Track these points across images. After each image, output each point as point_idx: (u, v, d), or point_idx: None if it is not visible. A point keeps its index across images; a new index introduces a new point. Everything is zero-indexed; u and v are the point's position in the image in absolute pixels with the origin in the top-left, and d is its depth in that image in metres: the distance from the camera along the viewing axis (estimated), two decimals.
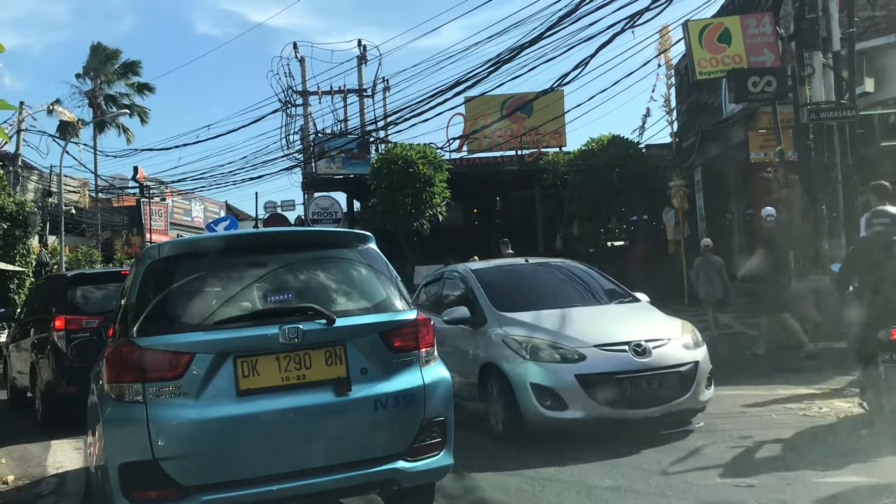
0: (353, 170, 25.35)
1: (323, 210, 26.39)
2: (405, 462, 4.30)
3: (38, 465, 7.42)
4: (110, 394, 4.10)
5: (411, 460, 4.32)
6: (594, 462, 6.08)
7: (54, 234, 30.59)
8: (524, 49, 14.19)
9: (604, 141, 21.74)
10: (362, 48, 27.94)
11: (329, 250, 4.79)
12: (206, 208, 47.44)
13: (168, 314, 4.21)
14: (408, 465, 4.30)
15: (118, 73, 43.36)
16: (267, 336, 4.14)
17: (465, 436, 6.33)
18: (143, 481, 3.91)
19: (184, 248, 4.63)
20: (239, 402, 4.04)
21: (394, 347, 4.41)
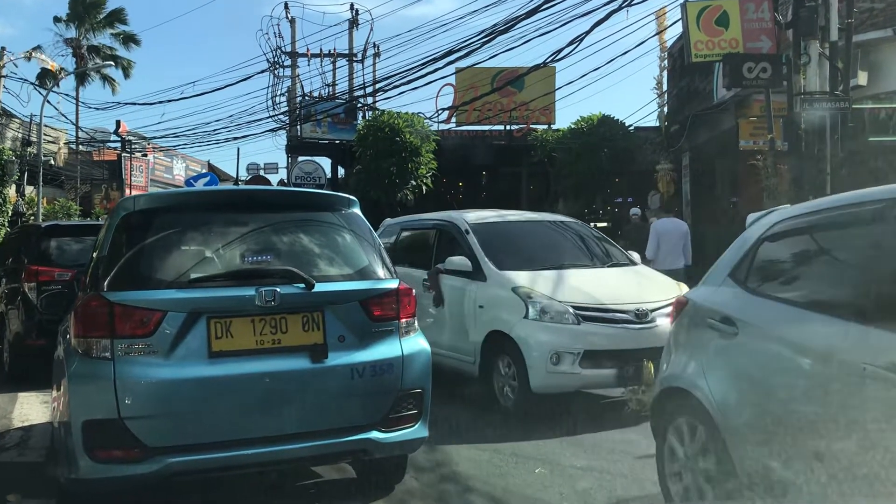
0: (338, 135, 25.08)
1: (306, 175, 26.14)
2: (379, 432, 4.23)
3: (2, 416, 7.27)
4: (77, 349, 3.96)
5: (385, 431, 4.25)
6: (567, 437, 6.07)
7: (32, 184, 30.11)
8: (519, 21, 13.97)
9: (594, 120, 21.62)
10: (354, 12, 27.52)
11: (312, 213, 4.68)
12: (188, 167, 46.84)
13: (141, 269, 4.08)
14: (382, 435, 4.23)
15: (103, 22, 42.48)
16: (243, 297, 4.03)
17: (449, 407, 6.53)
18: (107, 440, 3.80)
19: (160, 201, 4.51)
20: (210, 363, 3.93)
21: (374, 316, 4.32)
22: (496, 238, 7.81)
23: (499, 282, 7.13)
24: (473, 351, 7.25)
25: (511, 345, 6.73)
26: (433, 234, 8.51)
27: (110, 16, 42.76)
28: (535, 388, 6.52)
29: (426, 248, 8.47)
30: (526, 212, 9.17)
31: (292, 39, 27.44)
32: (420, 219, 9.23)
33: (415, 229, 9.10)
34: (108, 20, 42.83)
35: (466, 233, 7.77)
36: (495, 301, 7.08)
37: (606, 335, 6.60)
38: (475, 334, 7.23)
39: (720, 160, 19.28)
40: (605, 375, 6.56)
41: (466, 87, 23.41)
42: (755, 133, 16.35)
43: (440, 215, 8.82)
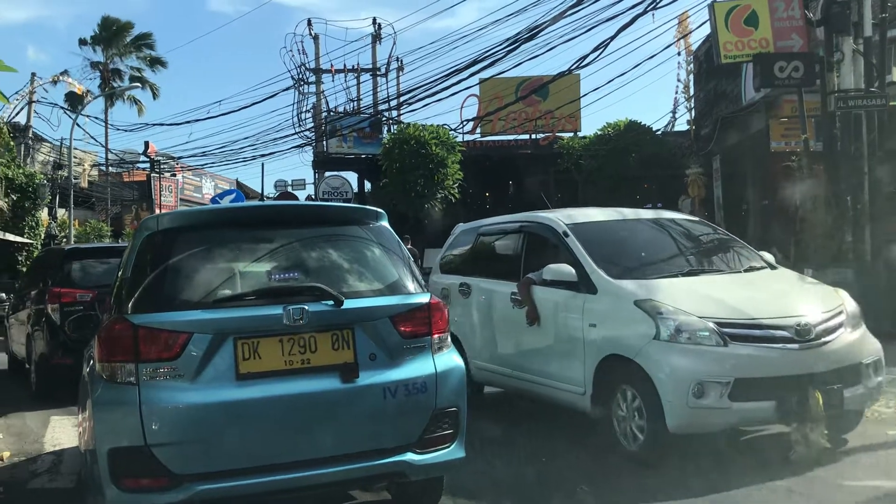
0: (364, 150, 25.09)
1: (334, 189, 26.17)
2: (414, 454, 4.05)
3: (35, 441, 7.23)
4: (101, 374, 3.83)
5: (421, 452, 4.07)
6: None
7: (64, 206, 30.49)
8: (543, 28, 13.84)
9: (620, 126, 21.41)
10: (377, 26, 27.58)
11: (339, 227, 4.49)
12: (217, 185, 47.27)
13: (165, 290, 3.93)
14: (417, 457, 4.05)
15: (130, 46, 43.09)
16: (270, 317, 3.88)
17: None
18: (133, 468, 3.66)
19: (184, 219, 4.38)
20: (238, 386, 3.78)
21: (405, 332, 4.15)
22: (603, 241, 6.55)
23: (614, 293, 5.83)
24: (583, 380, 5.89)
25: (637, 373, 5.41)
26: (520, 238, 7.22)
27: (137, 39, 43.36)
28: (672, 428, 5.21)
29: (512, 255, 7.28)
30: (628, 209, 7.83)
31: (316, 56, 27.60)
32: (502, 221, 7.89)
33: (496, 234, 7.83)
34: (135, 44, 43.43)
35: (565, 235, 6.48)
36: (612, 318, 5.79)
37: (762, 359, 5.25)
38: (585, 359, 5.89)
39: (751, 162, 18.96)
40: (762, 409, 5.23)
41: (490, 97, 23.32)
42: (786, 134, 16.06)
43: (527, 216, 7.46)
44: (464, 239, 8.33)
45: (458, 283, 7.87)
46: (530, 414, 5.08)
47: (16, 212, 25.84)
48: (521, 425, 7.07)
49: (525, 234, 7.13)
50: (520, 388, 7.00)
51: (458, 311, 7.56)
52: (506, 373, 6.98)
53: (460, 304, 7.69)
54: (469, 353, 7.29)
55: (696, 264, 6.39)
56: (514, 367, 6.89)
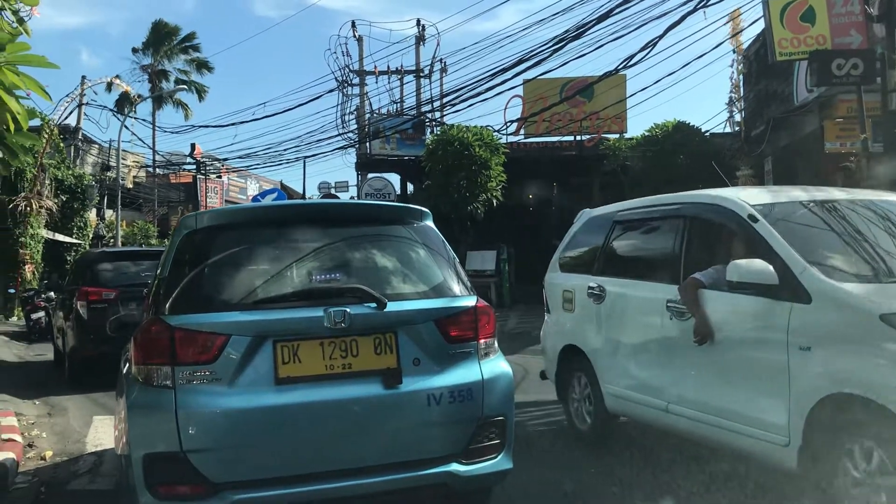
0: (407, 151, 25.02)
1: (376, 191, 26.20)
2: (460, 465, 3.88)
3: (77, 441, 7.24)
4: (137, 376, 3.73)
5: (467, 463, 3.90)
6: None
7: (112, 207, 30.99)
8: (590, 27, 13.58)
9: (668, 127, 20.94)
10: (420, 27, 27.53)
11: (382, 226, 4.34)
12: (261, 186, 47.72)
13: (203, 290, 3.82)
14: (463, 468, 3.88)
15: (178, 49, 43.77)
16: (310, 319, 3.74)
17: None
18: (169, 475, 3.55)
19: (224, 218, 4.26)
20: (277, 391, 3.65)
21: (450, 337, 3.98)
22: (808, 228, 4.82)
23: (841, 303, 4.11)
24: (786, 426, 4.26)
25: (886, 422, 3.67)
26: (679, 225, 5.53)
27: (184, 41, 44.02)
28: None
29: (667, 248, 5.62)
30: (831, 188, 5.89)
31: (360, 57, 27.64)
32: (652, 203, 6.06)
33: (643, 220, 6.12)
34: (182, 48, 44.10)
35: (752, 220, 4.77)
36: (838, 339, 4.08)
37: None
38: (792, 397, 4.23)
39: (804, 164, 18.40)
40: None
41: (535, 98, 23.07)
42: (841, 135, 15.53)
43: (690, 196, 5.77)
44: (593, 228, 6.75)
45: (586, 284, 6.33)
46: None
47: (65, 212, 26.34)
48: None
49: (686, 219, 5.46)
50: (677, 426, 5.27)
51: (585, 322, 6.35)
52: (656, 405, 5.35)
53: (589, 311, 6.26)
54: (601, 376, 6.01)
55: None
56: (669, 400, 5.23)
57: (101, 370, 9.44)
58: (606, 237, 6.40)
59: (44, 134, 23.68)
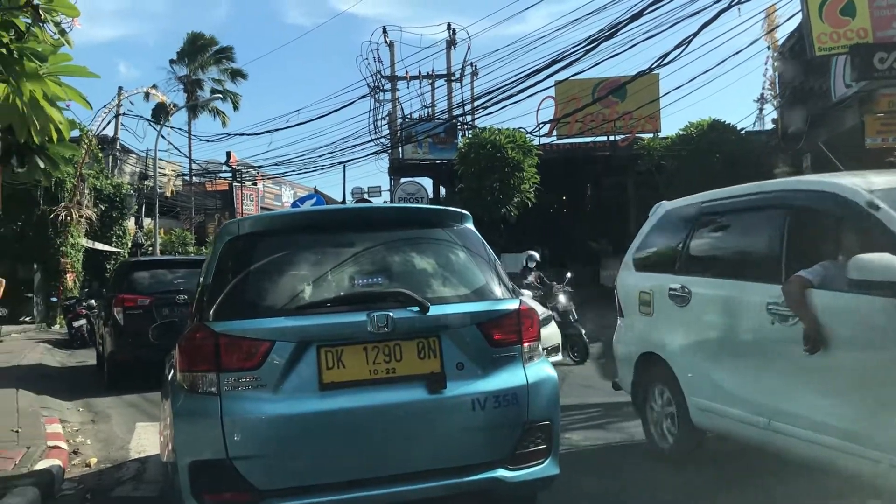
0: (440, 155, 25.03)
1: (409, 196, 26.23)
2: (506, 470, 3.82)
3: (121, 447, 7.31)
4: (182, 384, 3.73)
5: (513, 468, 3.84)
6: None
7: (150, 216, 31.42)
8: (623, 27, 13.46)
9: (703, 125, 20.69)
10: (451, 32, 27.54)
11: (422, 230, 4.31)
12: (296, 193, 48.09)
13: (247, 297, 3.82)
14: (509, 473, 3.82)
15: (212, 59, 44.33)
16: (354, 324, 3.72)
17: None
18: (215, 482, 3.54)
19: (266, 224, 4.23)
20: (322, 396, 3.63)
21: (494, 340, 3.93)
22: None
23: None
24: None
25: None
26: (780, 216, 4.89)
27: (218, 52, 44.56)
28: None
29: (765, 243, 5.02)
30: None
31: (391, 63, 27.75)
32: (744, 192, 5.39)
33: (735, 211, 5.46)
34: (217, 57, 44.64)
35: (873, 208, 4.15)
36: None
37: None
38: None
39: (844, 160, 18.05)
40: None
41: (567, 98, 22.93)
42: (883, 129, 15.19)
43: (791, 183, 5.28)
44: (673, 222, 6.13)
45: (667, 285, 5.73)
46: None
47: (104, 221, 26.77)
48: None
49: (788, 209, 4.86)
50: (780, 445, 4.66)
51: (666, 326, 5.73)
52: (754, 422, 4.76)
53: (672, 315, 5.65)
54: (686, 388, 5.41)
55: None
56: (771, 416, 4.63)
57: (138, 374, 10.21)
58: (689, 231, 5.77)
59: (83, 144, 24.09)
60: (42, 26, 4.53)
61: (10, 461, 6.12)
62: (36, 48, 4.39)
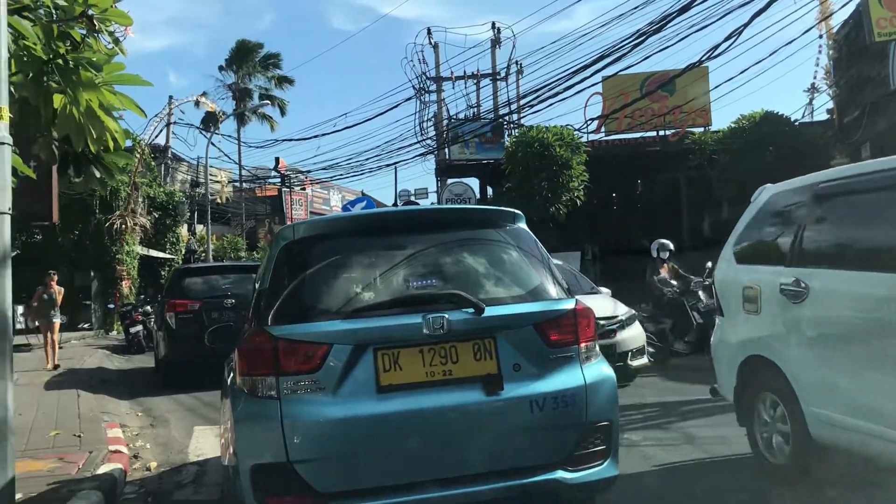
0: (486, 155, 24.90)
1: (456, 196, 26.17)
2: (565, 472, 3.77)
3: (179, 451, 7.40)
4: (242, 388, 3.75)
5: (573, 470, 3.79)
6: None
7: (202, 222, 31.94)
8: (672, 19, 13.22)
9: (755, 118, 20.22)
10: (496, 30, 27.40)
11: (475, 230, 4.28)
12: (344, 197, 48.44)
13: (304, 301, 3.84)
14: (569, 475, 3.77)
15: (259, 66, 44.91)
16: (410, 326, 3.70)
17: None
18: (276, 486, 3.54)
19: (321, 228, 4.26)
20: (379, 399, 3.62)
21: (550, 341, 3.88)
22: None
23: None
24: None
25: None
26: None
27: (265, 59, 45.12)
28: None
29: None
30: None
31: (436, 64, 27.70)
32: (872, 170, 4.74)
33: (862, 192, 4.74)
34: (264, 64, 45.21)
35: None
36: None
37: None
38: None
39: None
40: None
41: (615, 94, 22.61)
42: None
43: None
44: (782, 207, 5.48)
45: (777, 279, 5.05)
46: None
47: (158, 229, 27.32)
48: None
49: None
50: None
51: (777, 326, 5.04)
52: (891, 436, 4.11)
53: (784, 313, 4.98)
54: (804, 397, 4.75)
55: None
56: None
57: (191, 375, 10.93)
58: (803, 217, 5.11)
59: (136, 154, 24.59)
60: (97, 36, 4.58)
61: (73, 465, 6.23)
62: (91, 58, 4.43)
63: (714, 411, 7.02)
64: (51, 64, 4.35)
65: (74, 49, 4.49)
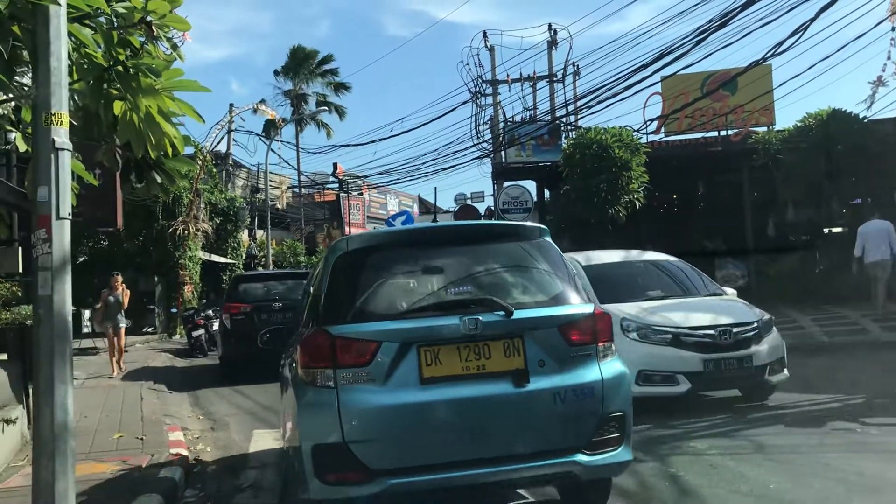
0: (543, 157, 24.67)
1: (513, 200, 25.98)
2: (584, 455, 4.28)
3: (239, 454, 7.47)
4: (304, 379, 4.32)
5: (590, 454, 4.30)
6: None
7: (262, 228, 32.42)
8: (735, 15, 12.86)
9: (822, 116, 19.58)
10: (552, 32, 27.17)
11: (505, 243, 4.86)
12: (401, 202, 48.69)
13: (357, 304, 4.37)
14: (587, 458, 4.29)
15: (317, 73, 45.44)
16: (448, 326, 4.24)
17: None
18: (334, 463, 4.06)
19: (369, 241, 4.90)
20: (422, 389, 4.16)
21: (571, 341, 4.41)
22: None
23: None
24: None
25: None
26: None
27: (321, 64, 45.65)
28: None
29: None
30: None
31: (492, 67, 27.57)
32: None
33: None
34: (321, 71, 45.75)
35: None
36: None
37: None
38: None
39: None
40: None
41: (675, 94, 22.16)
42: None
43: None
44: None
45: None
46: None
47: (219, 234, 27.80)
48: None
49: None
50: None
51: None
52: None
53: None
54: None
55: None
56: None
57: (246, 369, 12.32)
58: None
59: (197, 160, 25.06)
60: (155, 43, 4.61)
61: (135, 468, 6.32)
62: (150, 64, 4.46)
63: None
64: (111, 70, 4.38)
65: (134, 56, 4.52)
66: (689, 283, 9.55)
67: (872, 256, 14.60)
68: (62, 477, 3.72)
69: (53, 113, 3.92)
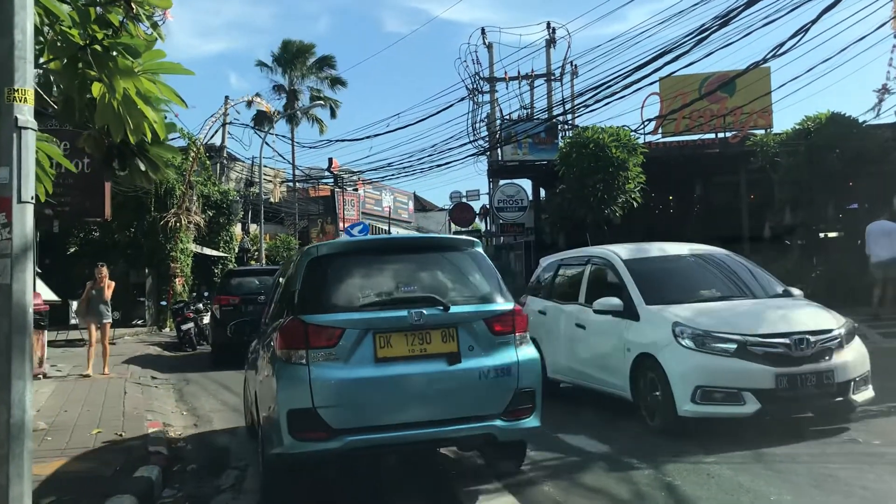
0: (540, 156, 24.45)
1: (508, 198, 25.86)
2: (502, 421, 5.35)
3: (221, 454, 7.25)
4: (282, 357, 5.22)
5: (507, 420, 5.37)
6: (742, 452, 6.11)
7: (256, 222, 32.15)
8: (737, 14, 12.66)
9: (821, 119, 19.40)
10: (551, 30, 26.94)
11: (445, 252, 5.95)
12: (396, 199, 48.48)
13: (325, 298, 5.39)
14: (504, 423, 5.36)
15: (313, 67, 45.13)
16: (398, 318, 5.29)
17: None
18: (305, 424, 5.01)
19: (336, 248, 5.96)
20: (377, 366, 5.18)
21: (495, 331, 5.48)
22: None
23: None
24: None
25: None
26: None
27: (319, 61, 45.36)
28: None
29: None
30: None
31: (490, 64, 27.33)
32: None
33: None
34: (317, 66, 45.43)
35: None
36: None
37: None
38: None
39: None
40: None
41: (673, 95, 21.97)
42: None
43: None
44: None
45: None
46: None
47: (212, 227, 27.51)
48: None
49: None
50: None
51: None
52: None
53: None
54: None
55: None
56: None
57: (233, 356, 11.99)
58: None
59: (191, 152, 24.77)
60: (135, 21, 4.38)
61: (111, 466, 6.09)
62: (130, 43, 4.23)
63: None
64: (87, 50, 4.15)
65: (114, 35, 4.29)
66: (749, 281, 8.20)
67: (878, 257, 14.45)
68: (17, 481, 3.48)
69: (17, 89, 3.71)
